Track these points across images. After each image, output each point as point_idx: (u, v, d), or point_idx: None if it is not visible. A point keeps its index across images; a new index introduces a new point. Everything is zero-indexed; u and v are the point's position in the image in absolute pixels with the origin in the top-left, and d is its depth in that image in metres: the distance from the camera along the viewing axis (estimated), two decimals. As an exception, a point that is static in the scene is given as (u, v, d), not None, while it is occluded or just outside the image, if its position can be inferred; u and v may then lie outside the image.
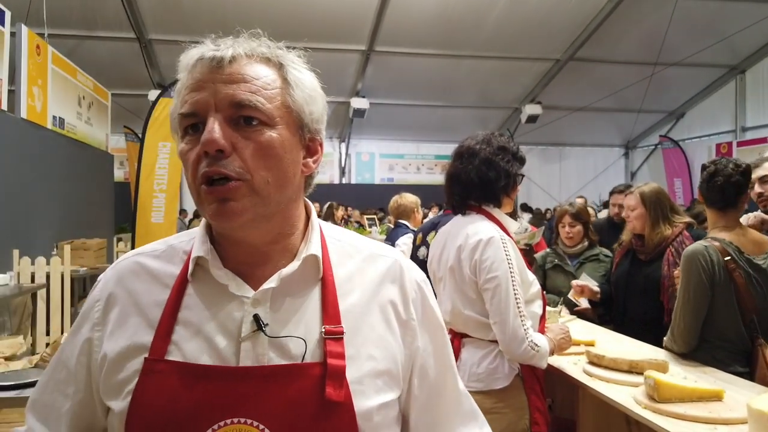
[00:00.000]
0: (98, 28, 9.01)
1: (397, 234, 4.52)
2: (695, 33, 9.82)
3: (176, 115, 0.84)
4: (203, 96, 0.80)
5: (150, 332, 0.83)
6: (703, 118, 12.77)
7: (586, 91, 11.60)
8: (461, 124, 12.54)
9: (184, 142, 0.82)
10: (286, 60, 0.87)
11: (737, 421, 1.73)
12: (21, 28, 5.35)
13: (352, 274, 0.91)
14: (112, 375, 0.84)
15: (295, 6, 8.51)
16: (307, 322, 0.85)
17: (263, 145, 0.80)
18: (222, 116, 0.79)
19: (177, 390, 0.79)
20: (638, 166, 14.92)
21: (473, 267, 2.04)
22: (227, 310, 0.84)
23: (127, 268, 0.91)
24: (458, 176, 2.16)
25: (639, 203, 2.97)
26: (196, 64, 0.82)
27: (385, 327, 0.89)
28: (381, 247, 0.98)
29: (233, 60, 0.81)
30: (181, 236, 0.96)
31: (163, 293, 0.87)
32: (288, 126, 0.83)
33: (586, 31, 9.87)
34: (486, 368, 2.05)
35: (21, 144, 5.40)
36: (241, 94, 0.79)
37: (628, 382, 2.11)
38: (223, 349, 0.81)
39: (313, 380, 0.80)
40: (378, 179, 14.20)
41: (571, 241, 3.66)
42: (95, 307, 0.90)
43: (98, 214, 7.86)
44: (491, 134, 2.21)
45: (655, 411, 1.82)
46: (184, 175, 0.85)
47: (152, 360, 0.81)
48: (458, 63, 10.80)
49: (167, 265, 0.90)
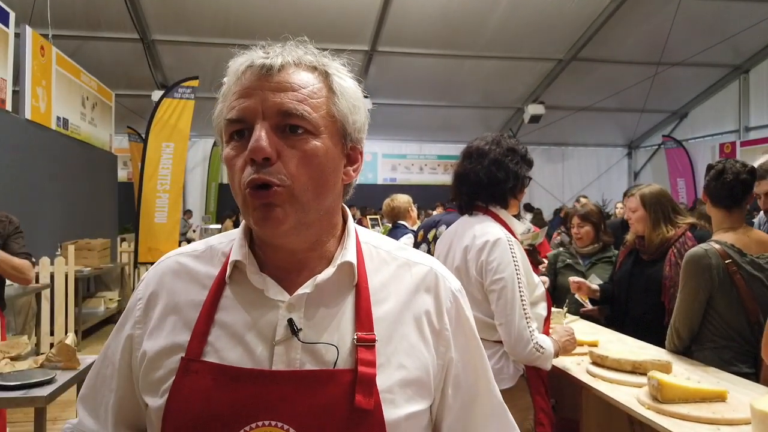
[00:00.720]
0: (102, 29, 9.03)
1: (396, 235, 4.55)
2: (699, 32, 9.79)
3: (223, 120, 0.85)
4: (251, 103, 0.81)
5: (187, 332, 0.85)
6: (707, 118, 12.73)
7: (589, 91, 11.58)
8: (464, 125, 12.54)
9: (229, 147, 0.84)
10: (331, 68, 0.88)
11: (740, 422, 1.73)
12: (25, 29, 5.37)
13: (387, 282, 0.91)
14: (150, 372, 0.86)
15: (297, 6, 8.52)
16: (340, 328, 0.85)
17: (307, 153, 0.81)
18: (269, 124, 0.80)
19: (211, 390, 0.80)
20: (641, 166, 14.89)
21: (479, 268, 2.04)
22: (262, 314, 0.85)
23: (168, 268, 0.93)
24: (467, 176, 2.17)
25: (639, 205, 2.98)
26: (245, 71, 0.83)
27: (418, 336, 0.89)
28: (417, 254, 0.98)
29: (282, 68, 0.82)
30: (221, 237, 0.97)
31: (201, 294, 0.88)
32: (331, 135, 0.85)
33: (589, 30, 9.86)
34: (491, 368, 2.06)
35: (25, 144, 5.42)
36: (288, 103, 0.80)
37: (631, 382, 2.11)
38: (257, 351, 0.83)
39: (344, 387, 0.80)
40: (381, 179, 14.21)
41: (581, 241, 3.67)
42: (137, 305, 0.92)
43: (102, 215, 7.88)
44: (501, 135, 2.23)
45: (659, 411, 1.82)
46: (187, 176, 0.85)
47: (188, 360, 0.83)
48: (461, 63, 10.80)
49: (206, 266, 0.92)
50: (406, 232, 4.55)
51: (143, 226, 7.09)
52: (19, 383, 2.18)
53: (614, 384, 2.13)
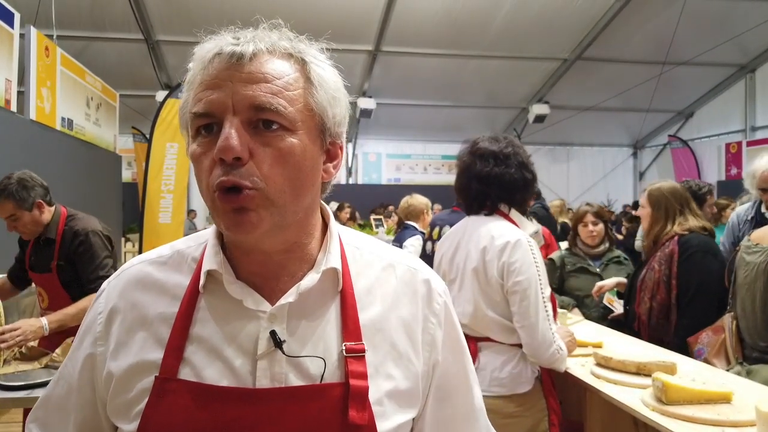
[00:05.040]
0: (106, 30, 9.06)
1: (404, 235, 4.53)
2: (704, 32, 9.74)
3: (188, 113, 0.77)
4: (220, 96, 0.73)
5: (159, 349, 0.78)
6: (713, 118, 12.67)
7: (594, 90, 11.54)
8: (468, 125, 12.51)
9: (196, 143, 0.76)
10: (309, 56, 0.80)
11: (746, 424, 1.72)
12: (30, 29, 5.38)
13: (372, 286, 0.86)
14: (119, 394, 0.79)
15: (302, 6, 8.53)
16: (325, 338, 0.80)
17: (283, 152, 0.74)
18: (240, 119, 0.73)
19: (191, 411, 0.74)
20: (647, 166, 14.83)
21: (500, 269, 2.02)
22: (242, 326, 0.79)
23: (132, 278, 0.85)
24: (498, 177, 2.11)
25: (646, 201, 2.94)
26: (213, 59, 0.75)
27: (406, 342, 0.84)
28: (402, 255, 0.93)
29: (254, 56, 0.75)
30: (188, 241, 0.89)
31: (171, 306, 0.81)
32: (309, 130, 0.77)
33: (594, 30, 9.82)
34: (509, 373, 2.05)
35: (30, 145, 5.44)
36: (261, 96, 0.73)
37: (635, 384, 2.10)
38: (238, 367, 0.77)
39: (334, 402, 0.76)
40: (385, 179, 14.20)
41: (593, 239, 3.56)
42: (98, 320, 0.84)
43: (106, 215, 7.89)
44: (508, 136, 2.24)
45: (663, 413, 1.81)
46: (191, 176, 0.82)
47: (163, 379, 0.76)
48: (465, 63, 10.78)
49: (175, 274, 0.84)
50: (415, 233, 4.53)
51: (147, 226, 7.11)
52: (23, 383, 2.19)
53: (619, 385, 2.12)
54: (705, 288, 2.68)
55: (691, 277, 2.70)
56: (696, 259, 2.71)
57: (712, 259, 2.74)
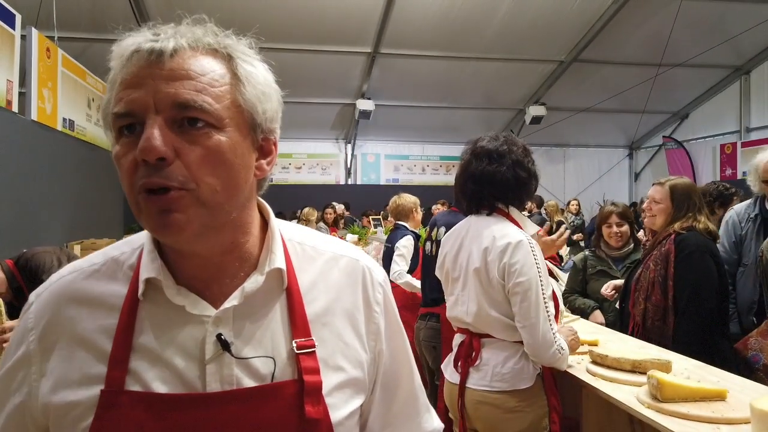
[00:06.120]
0: (107, 31, 9.05)
1: (396, 236, 4.45)
2: (700, 34, 9.80)
3: (109, 113, 0.73)
4: (140, 94, 0.70)
5: (100, 362, 0.75)
6: (708, 119, 12.73)
7: (590, 92, 11.59)
8: (466, 126, 12.54)
9: (118, 144, 0.72)
10: (235, 51, 0.77)
11: (740, 421, 1.74)
12: (31, 31, 5.40)
13: (316, 280, 0.85)
14: (61, 413, 0.75)
15: (301, 9, 8.54)
16: (273, 337, 0.79)
17: (211, 150, 0.71)
18: (162, 118, 0.70)
19: (142, 423, 0.72)
20: (642, 167, 14.89)
21: (501, 270, 2.04)
22: (186, 332, 0.76)
23: (62, 291, 0.80)
24: (491, 176, 2.13)
25: (666, 196, 2.74)
26: (131, 56, 0.72)
27: (351, 333, 0.85)
28: (343, 246, 0.93)
29: (175, 53, 0.72)
30: (122, 246, 0.85)
31: (109, 317, 0.77)
32: (238, 127, 0.74)
33: (590, 32, 9.87)
34: (511, 368, 2.08)
35: (31, 145, 5.46)
36: (184, 94, 0.70)
37: (631, 381, 2.12)
38: (186, 374, 0.75)
39: (288, 399, 0.76)
40: (383, 180, 14.21)
41: (619, 241, 3.40)
42: (29, 336, 0.79)
43: (108, 215, 7.92)
44: (510, 134, 2.24)
45: (659, 410, 1.83)
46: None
47: (109, 392, 0.73)
48: (463, 65, 10.81)
49: (110, 284, 0.80)
50: (406, 233, 4.43)
51: (147, 226, 7.11)
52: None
53: (614, 383, 2.14)
54: (705, 290, 2.56)
55: (689, 278, 2.58)
56: (694, 259, 2.59)
57: (710, 259, 2.62)
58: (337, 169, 13.98)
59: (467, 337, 2.21)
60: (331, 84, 10.92)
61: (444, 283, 2.39)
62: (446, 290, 2.37)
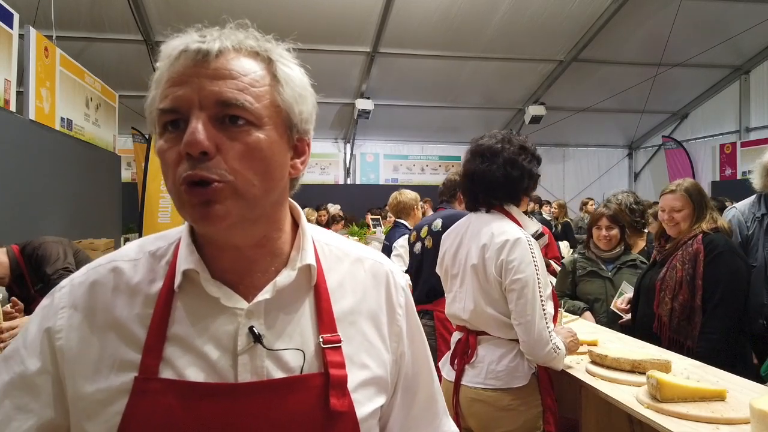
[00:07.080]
0: (105, 31, 9.06)
1: (395, 235, 4.37)
2: (699, 33, 9.80)
3: (155, 109, 0.77)
4: (186, 92, 0.74)
5: (135, 349, 0.78)
6: (707, 119, 12.73)
7: (590, 92, 11.59)
8: (465, 125, 12.55)
9: (163, 139, 0.76)
10: (275, 54, 0.81)
11: (740, 421, 1.74)
12: (29, 30, 5.39)
13: (343, 280, 0.89)
14: (91, 395, 0.77)
15: (300, 8, 8.54)
16: (302, 331, 0.83)
17: (250, 146, 0.75)
18: (206, 115, 0.73)
19: (174, 410, 0.74)
20: (642, 167, 14.90)
21: (499, 267, 2.04)
22: (219, 323, 0.80)
23: (100, 278, 0.83)
24: (482, 175, 2.15)
25: (687, 202, 2.76)
26: (179, 56, 0.76)
27: (375, 334, 0.88)
28: (367, 250, 0.97)
29: (220, 53, 0.76)
30: (157, 241, 0.88)
31: (146, 307, 0.80)
32: (276, 126, 0.79)
33: (589, 32, 9.86)
34: (506, 366, 2.08)
35: (29, 145, 5.45)
36: (227, 92, 0.74)
37: (630, 381, 2.12)
38: (219, 364, 0.78)
39: (315, 391, 0.79)
40: (383, 180, 14.21)
41: (608, 244, 3.43)
42: (59, 314, 0.81)
43: (106, 215, 7.90)
44: (510, 133, 2.24)
45: (658, 411, 1.83)
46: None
47: (143, 379, 0.76)
48: (462, 64, 10.81)
49: (147, 275, 0.83)
50: (405, 232, 4.28)
51: (147, 226, 7.12)
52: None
53: (613, 383, 2.14)
54: (733, 290, 2.58)
55: (719, 277, 2.59)
56: (724, 259, 2.60)
57: (738, 260, 2.65)
58: (336, 168, 13.97)
59: (464, 334, 2.21)
60: (330, 83, 10.91)
61: (443, 280, 2.40)
62: (445, 287, 2.37)
